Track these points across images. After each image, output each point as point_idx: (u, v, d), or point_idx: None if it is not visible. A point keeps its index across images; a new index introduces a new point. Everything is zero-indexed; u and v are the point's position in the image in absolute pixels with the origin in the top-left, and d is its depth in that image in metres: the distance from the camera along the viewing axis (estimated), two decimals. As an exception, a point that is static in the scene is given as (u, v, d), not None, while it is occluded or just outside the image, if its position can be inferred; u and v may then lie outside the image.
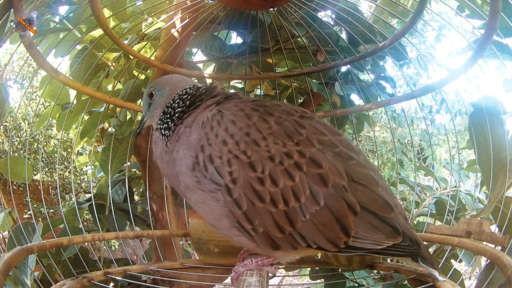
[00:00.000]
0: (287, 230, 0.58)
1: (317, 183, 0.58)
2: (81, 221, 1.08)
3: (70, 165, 3.54)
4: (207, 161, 0.59)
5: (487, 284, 0.79)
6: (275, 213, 0.57)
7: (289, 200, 0.57)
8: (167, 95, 0.73)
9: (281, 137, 0.60)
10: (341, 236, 0.58)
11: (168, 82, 0.74)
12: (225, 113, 0.62)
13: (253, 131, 0.59)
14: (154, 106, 0.74)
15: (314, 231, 0.58)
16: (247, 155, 0.58)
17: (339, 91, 1.25)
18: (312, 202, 0.57)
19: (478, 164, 0.94)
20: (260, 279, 0.59)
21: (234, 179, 0.58)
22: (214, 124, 0.61)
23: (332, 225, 0.58)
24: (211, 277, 0.98)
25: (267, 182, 0.57)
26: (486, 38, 0.72)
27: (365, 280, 1.22)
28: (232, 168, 0.58)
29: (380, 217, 0.60)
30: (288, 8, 1.04)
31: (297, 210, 0.57)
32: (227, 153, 0.58)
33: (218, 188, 0.58)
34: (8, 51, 3.77)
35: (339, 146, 0.62)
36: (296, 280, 2.40)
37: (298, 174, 0.58)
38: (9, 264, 0.63)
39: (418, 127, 4.84)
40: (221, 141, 0.59)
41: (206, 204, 0.61)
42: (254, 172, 0.57)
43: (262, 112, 0.62)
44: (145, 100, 0.76)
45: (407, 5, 1.33)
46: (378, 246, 0.60)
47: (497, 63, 1.12)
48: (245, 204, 0.58)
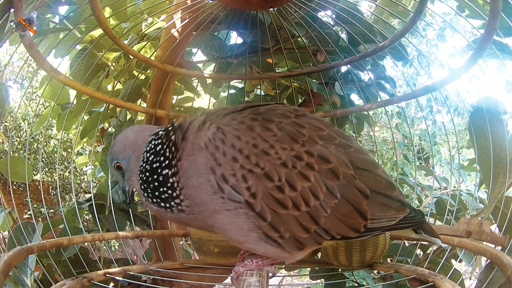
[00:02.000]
0: (312, 229, 0.59)
1: (330, 178, 0.60)
2: (81, 221, 1.08)
3: (70, 165, 3.54)
4: (220, 182, 0.57)
5: (487, 284, 0.79)
6: (299, 216, 0.58)
7: (309, 200, 0.58)
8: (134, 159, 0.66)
9: (287, 141, 0.60)
10: (360, 221, 0.61)
11: (126, 145, 0.67)
12: (226, 130, 0.59)
13: (260, 142, 0.58)
14: (128, 175, 0.68)
15: (337, 223, 0.60)
16: (260, 167, 0.57)
17: (339, 91, 1.25)
18: (330, 197, 0.59)
19: (478, 164, 0.94)
20: (260, 279, 0.59)
21: (254, 193, 0.57)
22: (219, 144, 0.58)
23: (351, 213, 0.61)
24: (211, 277, 0.98)
25: (286, 188, 0.57)
26: (486, 38, 0.72)
27: (365, 280, 1.22)
28: (249, 183, 0.57)
29: (388, 196, 0.64)
30: (288, 8, 1.04)
31: (318, 208, 0.59)
32: (239, 169, 0.57)
33: (238, 205, 0.57)
34: (8, 51, 3.77)
35: (337, 137, 0.64)
36: (296, 280, 2.40)
37: (312, 173, 0.59)
38: (9, 264, 0.63)
39: (418, 127, 4.84)
40: (231, 158, 0.57)
41: (233, 223, 0.59)
42: (272, 182, 0.57)
43: (262, 121, 0.61)
44: (116, 173, 0.70)
45: (408, 5, 1.33)
46: (392, 222, 0.64)
47: (497, 63, 1.12)
48: (268, 215, 0.57)
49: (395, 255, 1.03)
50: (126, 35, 1.25)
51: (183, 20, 1.12)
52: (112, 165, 0.68)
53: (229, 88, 1.47)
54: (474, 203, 1.11)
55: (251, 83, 1.40)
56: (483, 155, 0.91)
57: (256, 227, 0.58)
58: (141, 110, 1.17)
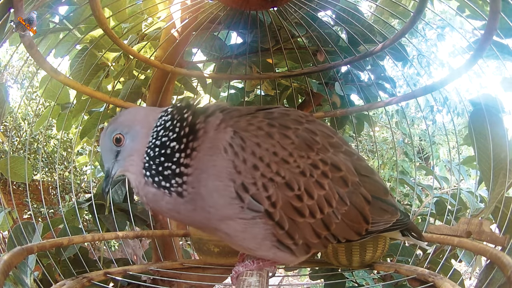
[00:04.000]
0: (323, 234, 0.61)
1: (341, 186, 0.61)
2: (81, 221, 1.08)
3: (70, 165, 3.54)
4: (240, 191, 0.55)
5: (487, 284, 0.79)
6: (313, 223, 0.59)
7: (324, 208, 0.59)
8: (142, 135, 0.59)
9: (304, 149, 0.60)
10: (364, 225, 0.64)
11: (136, 119, 0.61)
12: (244, 135, 0.57)
13: (279, 150, 0.58)
14: (126, 153, 0.60)
15: (345, 229, 0.62)
16: (281, 176, 0.56)
17: (339, 91, 1.25)
18: (341, 204, 0.61)
19: (478, 164, 0.94)
20: (260, 279, 0.59)
21: (274, 202, 0.56)
22: (238, 150, 0.56)
23: (358, 219, 0.63)
24: (211, 277, 0.98)
25: (305, 197, 0.58)
26: (486, 38, 0.72)
27: (365, 280, 1.22)
28: (270, 192, 0.56)
29: (384, 200, 0.67)
30: (288, 8, 1.04)
31: (331, 215, 0.60)
32: (260, 177, 0.55)
33: (257, 215, 0.56)
34: (8, 51, 3.77)
35: (343, 145, 0.66)
36: (296, 280, 2.40)
37: (326, 182, 0.60)
38: (9, 264, 0.63)
39: (418, 127, 4.84)
40: (251, 166, 0.55)
41: (247, 231, 0.58)
42: (292, 191, 0.57)
43: (279, 127, 0.60)
44: (108, 147, 0.61)
45: (408, 5, 1.33)
46: (387, 225, 0.68)
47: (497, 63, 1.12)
48: (286, 224, 0.57)
49: (395, 255, 1.03)
50: (126, 35, 1.25)
51: (183, 20, 1.12)
52: (111, 137, 0.60)
53: (229, 88, 1.47)
54: (474, 201, 1.11)
55: (251, 83, 1.40)
56: (483, 155, 0.91)
57: (271, 235, 0.58)
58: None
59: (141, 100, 1.29)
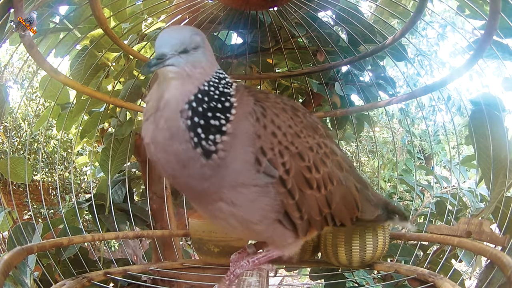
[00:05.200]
0: (324, 212, 0.64)
1: (338, 168, 0.67)
2: (81, 221, 1.08)
3: (70, 165, 3.54)
4: (259, 154, 0.57)
5: (487, 284, 0.79)
6: (318, 198, 0.63)
7: (327, 184, 0.64)
8: (211, 65, 0.58)
9: (310, 130, 0.65)
10: (355, 211, 0.69)
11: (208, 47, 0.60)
12: (265, 105, 0.60)
13: (293, 124, 0.62)
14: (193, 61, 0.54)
15: (342, 211, 0.67)
16: (295, 146, 0.60)
17: (339, 91, 1.25)
18: (340, 184, 0.66)
19: (478, 164, 0.94)
20: (260, 279, 0.59)
21: (288, 169, 0.59)
22: (260, 116, 0.58)
23: (352, 203, 0.68)
24: (211, 277, 0.98)
25: (313, 169, 0.62)
26: (486, 38, 0.72)
27: (365, 280, 1.22)
28: (285, 158, 0.59)
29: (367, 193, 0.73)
30: (288, 8, 1.04)
31: (333, 193, 0.64)
32: (277, 144, 0.58)
33: (271, 181, 0.58)
34: (8, 51, 3.77)
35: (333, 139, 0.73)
36: (296, 280, 2.40)
37: (328, 161, 0.65)
38: (9, 264, 0.63)
39: (418, 127, 4.84)
40: (271, 132, 0.58)
41: (257, 201, 0.58)
42: (303, 161, 0.61)
43: (291, 107, 0.64)
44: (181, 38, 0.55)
45: (408, 5, 1.33)
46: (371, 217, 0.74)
47: (496, 63, 1.12)
48: (297, 194, 0.60)
49: (395, 255, 1.03)
50: (126, 35, 1.25)
51: (183, 20, 1.12)
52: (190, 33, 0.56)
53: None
54: (474, 200, 1.11)
55: (251, 83, 1.40)
56: (483, 155, 0.91)
57: (279, 206, 0.59)
58: (141, 110, 1.17)
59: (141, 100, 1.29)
